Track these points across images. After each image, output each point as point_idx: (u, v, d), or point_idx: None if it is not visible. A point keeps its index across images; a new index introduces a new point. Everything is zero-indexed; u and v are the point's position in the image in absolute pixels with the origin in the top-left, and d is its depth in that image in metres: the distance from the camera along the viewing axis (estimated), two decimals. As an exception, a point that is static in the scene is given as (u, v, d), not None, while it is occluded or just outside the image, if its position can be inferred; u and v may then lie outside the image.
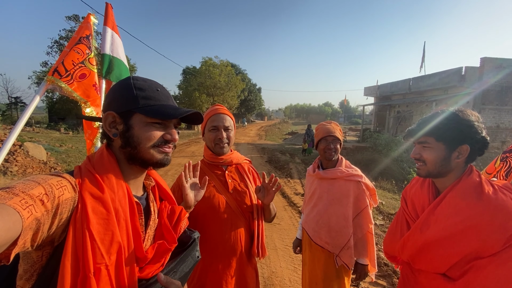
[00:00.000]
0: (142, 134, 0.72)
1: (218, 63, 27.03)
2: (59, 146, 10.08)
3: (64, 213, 0.59)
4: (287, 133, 26.98)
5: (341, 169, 1.69)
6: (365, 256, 1.65)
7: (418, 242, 1.01)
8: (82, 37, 1.76)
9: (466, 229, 0.89)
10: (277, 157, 11.46)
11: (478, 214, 0.88)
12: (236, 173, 1.43)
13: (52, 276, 0.59)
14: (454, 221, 0.92)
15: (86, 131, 1.88)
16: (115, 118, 0.73)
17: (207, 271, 1.28)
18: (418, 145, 1.04)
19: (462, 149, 0.97)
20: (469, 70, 12.70)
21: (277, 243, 3.77)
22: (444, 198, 0.99)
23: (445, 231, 0.93)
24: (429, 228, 0.99)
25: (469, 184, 0.95)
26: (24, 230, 0.49)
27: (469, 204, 0.91)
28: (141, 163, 0.74)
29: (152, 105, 0.73)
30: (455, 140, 0.96)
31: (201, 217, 1.29)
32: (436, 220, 0.98)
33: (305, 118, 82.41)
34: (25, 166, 6.65)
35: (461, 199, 0.94)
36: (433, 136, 0.98)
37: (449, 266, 0.93)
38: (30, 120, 19.09)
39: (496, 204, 0.87)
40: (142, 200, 0.79)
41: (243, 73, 38.33)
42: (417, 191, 1.15)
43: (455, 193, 0.96)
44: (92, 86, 1.77)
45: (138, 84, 0.74)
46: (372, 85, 21.63)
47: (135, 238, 0.70)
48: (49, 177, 0.60)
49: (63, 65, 1.64)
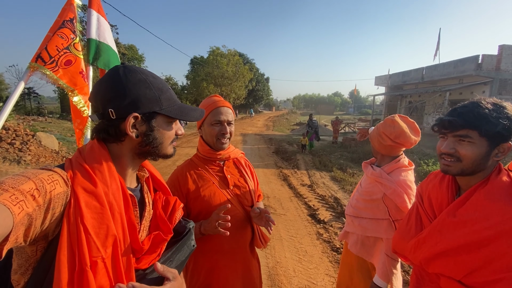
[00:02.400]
0: (165, 134, 0.77)
1: (225, 52, 26.75)
2: (70, 136, 10.32)
3: (57, 208, 0.58)
4: (295, 123, 26.78)
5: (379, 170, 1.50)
6: (381, 278, 1.39)
7: (437, 246, 0.92)
8: (65, 21, 1.65)
9: (496, 234, 0.81)
10: (285, 148, 11.42)
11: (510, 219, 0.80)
12: (235, 168, 1.40)
13: (48, 270, 0.59)
14: (483, 225, 0.83)
15: (75, 120, 1.81)
16: (137, 119, 0.71)
17: (213, 269, 1.27)
18: (453, 139, 0.90)
19: (505, 147, 0.87)
20: (486, 58, 12.15)
21: (283, 234, 3.80)
22: (470, 199, 0.89)
23: (472, 235, 0.84)
24: (451, 231, 0.89)
25: (500, 185, 0.86)
26: (15, 226, 0.49)
27: (501, 207, 0.82)
28: (155, 157, 0.79)
29: (173, 105, 0.77)
30: (500, 136, 0.85)
31: (203, 216, 1.26)
32: (460, 222, 0.88)
33: (314, 108, 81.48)
34: (38, 155, 6.84)
35: (491, 201, 0.84)
36: (476, 130, 0.85)
37: (468, 272, 0.84)
38: (43, 110, 19.53)
39: None
40: (136, 192, 0.79)
41: (251, 62, 37.85)
42: (435, 188, 1.05)
43: (483, 195, 0.86)
44: (78, 73, 1.69)
45: (154, 83, 0.74)
46: (384, 75, 21.06)
47: (131, 230, 0.70)
48: (40, 171, 0.59)
49: (46, 51, 1.55)
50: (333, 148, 11.54)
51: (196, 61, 28.49)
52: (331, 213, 4.57)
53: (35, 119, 14.13)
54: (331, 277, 2.84)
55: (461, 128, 0.87)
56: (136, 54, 22.97)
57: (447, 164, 0.92)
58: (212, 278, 1.27)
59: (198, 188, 1.28)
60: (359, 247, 1.54)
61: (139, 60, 22.95)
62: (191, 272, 1.29)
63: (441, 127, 0.93)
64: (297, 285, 2.72)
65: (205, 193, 1.27)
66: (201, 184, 1.29)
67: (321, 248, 3.45)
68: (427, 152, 9.24)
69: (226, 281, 1.28)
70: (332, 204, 4.94)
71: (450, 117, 0.90)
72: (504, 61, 11.89)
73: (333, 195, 5.51)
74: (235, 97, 28.55)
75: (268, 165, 8.19)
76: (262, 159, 9.15)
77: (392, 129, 1.45)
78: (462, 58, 13.05)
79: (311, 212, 4.56)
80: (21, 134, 7.31)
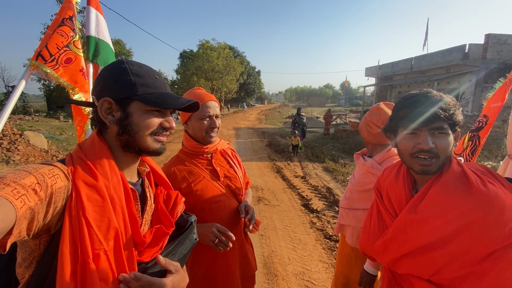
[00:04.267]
0: (141, 122, 0.72)
1: (215, 45, 26.35)
2: (59, 134, 10.12)
3: (59, 202, 0.59)
4: (287, 116, 26.81)
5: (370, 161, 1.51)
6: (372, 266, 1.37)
7: (404, 246, 0.88)
8: (65, 19, 1.65)
9: (458, 229, 0.78)
10: (277, 140, 11.48)
11: (471, 210, 0.77)
12: (223, 159, 1.42)
13: (52, 263, 0.60)
14: (444, 220, 0.80)
15: (75, 117, 1.82)
16: (111, 105, 0.71)
17: (214, 260, 1.30)
18: (428, 133, 0.82)
19: (456, 135, 0.87)
20: (472, 47, 12.38)
21: (277, 224, 3.88)
22: (427, 194, 0.86)
23: (436, 232, 0.81)
24: (415, 229, 0.86)
25: (453, 175, 0.83)
26: (18, 220, 0.49)
27: (458, 200, 0.80)
28: (137, 151, 0.74)
29: (152, 92, 0.72)
30: (457, 124, 0.84)
31: (198, 211, 1.27)
32: (422, 219, 0.85)
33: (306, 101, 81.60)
34: (27, 155, 6.71)
35: (448, 194, 0.82)
36: (447, 120, 0.81)
37: (436, 270, 0.82)
38: (29, 109, 18.99)
39: (489, 197, 0.77)
40: (137, 186, 0.80)
41: (242, 55, 37.45)
42: (392, 184, 1.01)
43: (439, 188, 0.83)
44: (79, 71, 1.69)
45: (135, 70, 0.73)
46: (374, 66, 21.21)
47: (132, 224, 0.70)
48: (40, 166, 0.59)
49: (47, 49, 1.55)
50: (325, 140, 11.67)
51: (186, 55, 28.02)
52: (323, 203, 4.67)
53: (21, 118, 13.74)
54: (324, 263, 2.94)
55: (438, 119, 0.81)
56: (124, 49, 22.42)
57: (426, 163, 0.83)
58: (214, 269, 1.30)
59: (189, 183, 1.28)
60: (356, 239, 1.57)
61: (126, 55, 22.41)
62: (191, 264, 1.31)
63: (417, 121, 0.83)
64: (292, 271, 2.81)
65: (197, 187, 1.28)
66: (192, 179, 1.29)
67: (315, 236, 3.55)
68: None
69: (227, 269, 1.31)
70: (325, 194, 5.05)
71: (424, 108, 0.82)
72: (490, 50, 12.13)
73: (325, 185, 5.62)
74: (226, 91, 28.30)
75: (261, 158, 8.25)
76: (255, 152, 9.19)
77: (379, 117, 1.48)
78: (450, 48, 13.25)
79: (304, 202, 4.65)
80: (8, 134, 7.13)
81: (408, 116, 0.84)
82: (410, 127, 0.84)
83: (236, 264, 1.35)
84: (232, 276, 1.33)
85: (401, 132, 0.88)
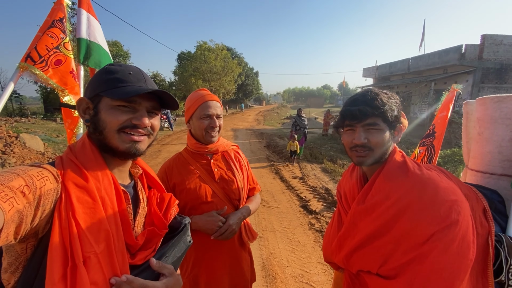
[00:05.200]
0: (107, 118, 0.69)
1: (213, 47, 26.34)
2: (56, 137, 10.04)
3: (47, 205, 0.58)
4: (285, 117, 26.83)
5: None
6: None
7: (354, 239, 0.90)
8: (55, 20, 1.63)
9: (398, 212, 0.80)
10: (276, 141, 11.46)
11: (407, 192, 0.81)
12: (223, 161, 1.40)
13: (39, 268, 0.58)
14: (386, 205, 0.83)
15: (65, 120, 1.80)
16: (88, 104, 0.72)
17: (201, 262, 1.29)
18: (362, 129, 0.89)
19: (398, 129, 0.92)
20: (469, 47, 12.46)
21: (276, 226, 3.85)
22: (373, 184, 0.90)
23: (379, 219, 0.84)
24: (362, 219, 0.89)
25: (394, 164, 0.89)
26: (6, 223, 0.48)
27: (396, 184, 0.84)
28: (111, 151, 0.72)
29: (119, 87, 0.70)
30: (395, 119, 0.90)
31: (189, 209, 1.28)
32: (368, 208, 0.88)
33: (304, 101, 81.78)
34: (23, 158, 6.64)
35: (389, 180, 0.86)
36: (381, 117, 0.87)
37: (383, 260, 0.82)
38: (26, 111, 18.86)
39: (423, 178, 0.81)
40: (129, 189, 0.78)
41: (240, 57, 37.47)
42: (348, 182, 1.05)
43: (383, 177, 0.88)
44: (69, 73, 1.68)
45: (111, 68, 0.73)
46: (371, 66, 21.30)
47: (124, 226, 0.69)
48: (29, 168, 0.58)
49: (36, 51, 1.54)
50: (323, 141, 11.66)
51: (184, 57, 27.96)
52: (322, 204, 4.66)
53: (17, 120, 13.63)
54: (323, 265, 2.92)
55: (370, 116, 0.87)
56: (121, 51, 22.36)
57: (361, 155, 0.90)
58: (200, 270, 1.29)
59: (183, 181, 1.28)
60: None
61: (124, 57, 22.36)
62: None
63: (351, 118, 0.90)
64: (290, 274, 2.78)
65: (190, 186, 1.28)
66: (187, 177, 1.30)
67: (313, 237, 3.53)
68: (414, 141, 9.49)
69: (213, 273, 1.30)
70: (324, 195, 5.03)
71: (356, 107, 0.88)
72: (486, 50, 12.21)
73: (324, 186, 5.61)
74: (224, 92, 28.28)
75: (260, 159, 8.23)
76: (253, 153, 9.17)
77: None
78: (446, 48, 13.34)
79: (303, 204, 4.63)
80: (4, 136, 7.06)
81: (345, 114, 0.92)
82: (346, 124, 0.93)
83: (225, 270, 1.32)
84: (218, 281, 1.31)
85: (344, 128, 0.96)
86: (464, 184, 0.92)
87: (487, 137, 1.08)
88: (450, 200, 0.76)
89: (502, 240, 0.85)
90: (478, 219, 0.84)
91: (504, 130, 1.03)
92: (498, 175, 1.05)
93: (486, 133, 1.08)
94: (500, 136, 1.04)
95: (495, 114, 1.04)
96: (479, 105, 1.13)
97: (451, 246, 0.73)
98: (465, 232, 0.75)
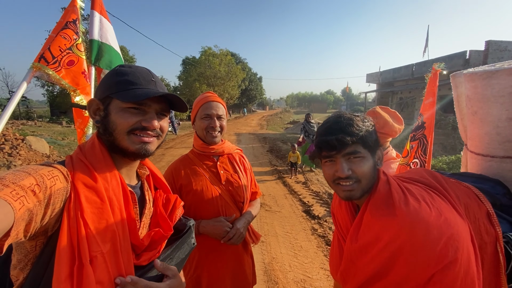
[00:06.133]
0: (117, 119, 0.70)
1: (218, 52, 26.64)
2: (61, 140, 10.15)
3: (57, 204, 0.58)
4: (288, 122, 26.85)
5: None
6: None
7: (356, 279, 0.83)
8: (68, 22, 1.68)
9: (392, 256, 0.73)
10: (279, 146, 11.46)
11: (396, 235, 0.73)
12: (229, 163, 1.41)
13: (47, 265, 0.59)
14: (378, 248, 0.76)
15: (76, 120, 1.84)
16: (99, 105, 0.73)
17: (203, 263, 1.30)
18: (343, 159, 0.80)
19: (379, 154, 0.86)
20: (473, 53, 12.45)
21: (278, 230, 3.83)
22: (362, 219, 0.83)
23: (375, 262, 0.77)
24: (359, 259, 0.82)
25: (379, 197, 0.80)
26: (16, 221, 0.49)
27: (384, 224, 0.76)
28: (120, 151, 0.72)
29: (129, 89, 0.70)
30: (376, 144, 0.83)
31: (194, 210, 1.29)
32: (362, 248, 0.80)
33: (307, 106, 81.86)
34: (28, 160, 6.72)
35: (376, 217, 0.78)
36: (361, 143, 0.80)
37: None
38: (32, 114, 19.16)
39: (410, 218, 0.72)
40: (136, 189, 0.79)
41: (243, 62, 37.79)
42: (338, 209, 0.98)
43: (369, 213, 0.80)
44: (81, 74, 1.71)
45: (122, 70, 0.73)
46: (375, 72, 21.31)
47: (130, 226, 0.70)
48: (40, 167, 0.59)
49: (49, 51, 1.58)
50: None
51: (188, 62, 28.29)
52: (325, 209, 4.63)
53: (24, 123, 13.84)
54: (326, 271, 2.89)
55: (349, 144, 0.78)
56: (127, 56, 22.70)
57: (348, 189, 0.81)
58: (202, 271, 1.30)
59: (190, 182, 1.29)
60: None
61: (129, 62, 22.66)
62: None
63: (329, 149, 0.80)
64: (293, 279, 2.76)
65: (197, 187, 1.29)
66: (193, 178, 1.30)
67: (316, 242, 3.50)
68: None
69: (216, 275, 1.30)
70: (326, 200, 5.00)
71: (332, 136, 0.80)
72: (490, 57, 12.17)
73: (327, 191, 5.57)
74: (228, 96, 28.45)
75: (262, 164, 8.22)
76: (256, 158, 9.17)
77: (375, 120, 1.49)
78: (450, 54, 13.34)
79: (306, 208, 4.60)
80: (10, 139, 7.17)
81: (321, 144, 0.82)
82: (324, 155, 0.83)
83: (227, 271, 1.32)
84: (220, 283, 1.31)
85: (322, 160, 0.87)
86: (462, 187, 0.86)
87: (481, 118, 0.98)
88: (445, 237, 0.69)
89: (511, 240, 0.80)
90: (483, 227, 0.79)
91: (499, 109, 0.92)
92: (500, 157, 0.95)
93: (480, 113, 0.98)
94: (495, 116, 0.93)
95: (487, 92, 0.93)
96: (468, 81, 1.01)
97: (454, 285, 0.67)
98: (466, 267, 0.69)
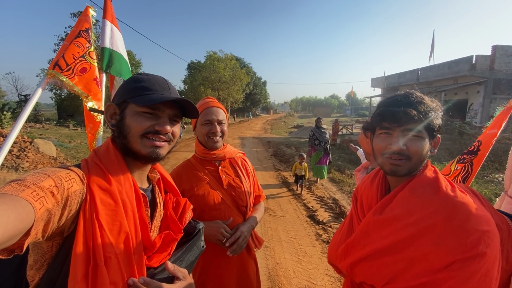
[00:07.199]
0: (132, 123, 0.72)
1: (222, 57, 26.83)
2: (68, 142, 10.30)
3: (73, 205, 0.60)
4: (292, 126, 26.83)
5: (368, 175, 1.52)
6: None
7: (364, 249, 0.83)
8: (81, 31, 1.75)
9: (418, 233, 0.73)
10: (283, 150, 11.44)
11: (433, 213, 0.72)
12: (231, 168, 1.41)
13: (63, 265, 0.61)
14: (406, 222, 0.75)
15: (87, 125, 1.89)
16: (115, 110, 0.76)
17: (208, 268, 1.29)
18: (401, 134, 0.79)
19: (436, 141, 0.83)
20: (480, 58, 12.34)
21: (282, 235, 3.81)
22: (396, 197, 0.82)
23: (396, 234, 0.76)
24: (377, 230, 0.81)
25: (424, 179, 0.79)
26: (36, 221, 0.50)
27: (423, 201, 0.75)
28: (133, 154, 0.74)
29: (145, 94, 0.73)
30: (436, 129, 0.81)
31: (196, 215, 1.28)
32: (386, 220, 0.80)
33: (311, 111, 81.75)
34: (36, 162, 6.82)
35: (414, 196, 0.78)
36: (424, 122, 0.78)
37: (390, 277, 0.75)
38: (40, 117, 19.48)
39: (455, 201, 0.71)
40: (147, 192, 0.81)
41: (248, 66, 37.96)
42: (367, 188, 0.97)
43: (408, 191, 0.79)
44: (93, 80, 1.77)
45: (139, 77, 0.77)
46: (379, 76, 21.26)
47: (142, 228, 0.71)
48: (58, 169, 0.61)
49: (63, 59, 1.64)
50: (331, 150, 11.55)
51: (193, 66, 28.54)
52: (329, 214, 4.59)
53: (32, 126, 14.09)
54: (330, 277, 2.86)
55: (414, 121, 0.76)
56: (133, 60, 22.99)
57: (396, 163, 0.79)
58: (207, 277, 1.29)
59: (192, 187, 1.30)
60: None
61: (136, 66, 22.97)
62: None
63: (392, 120, 0.78)
64: (297, 285, 2.73)
65: (199, 192, 1.29)
66: (195, 183, 1.31)
67: (321, 248, 3.47)
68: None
69: (220, 280, 1.29)
70: (331, 205, 4.96)
71: (399, 107, 0.78)
72: (497, 61, 12.07)
73: (331, 196, 5.54)
74: (232, 101, 28.58)
75: (266, 168, 8.21)
76: (260, 162, 9.16)
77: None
78: (457, 59, 13.24)
79: (310, 213, 4.57)
80: (19, 141, 7.29)
81: (383, 114, 0.81)
82: (383, 126, 0.82)
83: (232, 277, 1.32)
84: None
85: (377, 131, 0.85)
86: (498, 212, 0.84)
87: None
88: (482, 231, 0.68)
89: None
90: (505, 253, 0.77)
91: None
92: None
93: None
94: None
95: None
96: None
97: (470, 279, 0.65)
98: (490, 266, 0.67)
